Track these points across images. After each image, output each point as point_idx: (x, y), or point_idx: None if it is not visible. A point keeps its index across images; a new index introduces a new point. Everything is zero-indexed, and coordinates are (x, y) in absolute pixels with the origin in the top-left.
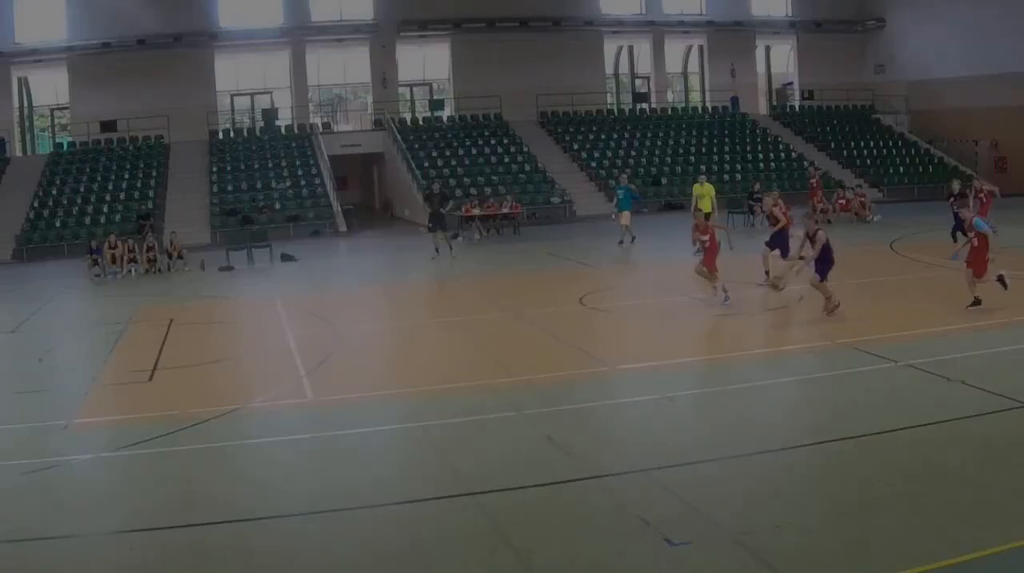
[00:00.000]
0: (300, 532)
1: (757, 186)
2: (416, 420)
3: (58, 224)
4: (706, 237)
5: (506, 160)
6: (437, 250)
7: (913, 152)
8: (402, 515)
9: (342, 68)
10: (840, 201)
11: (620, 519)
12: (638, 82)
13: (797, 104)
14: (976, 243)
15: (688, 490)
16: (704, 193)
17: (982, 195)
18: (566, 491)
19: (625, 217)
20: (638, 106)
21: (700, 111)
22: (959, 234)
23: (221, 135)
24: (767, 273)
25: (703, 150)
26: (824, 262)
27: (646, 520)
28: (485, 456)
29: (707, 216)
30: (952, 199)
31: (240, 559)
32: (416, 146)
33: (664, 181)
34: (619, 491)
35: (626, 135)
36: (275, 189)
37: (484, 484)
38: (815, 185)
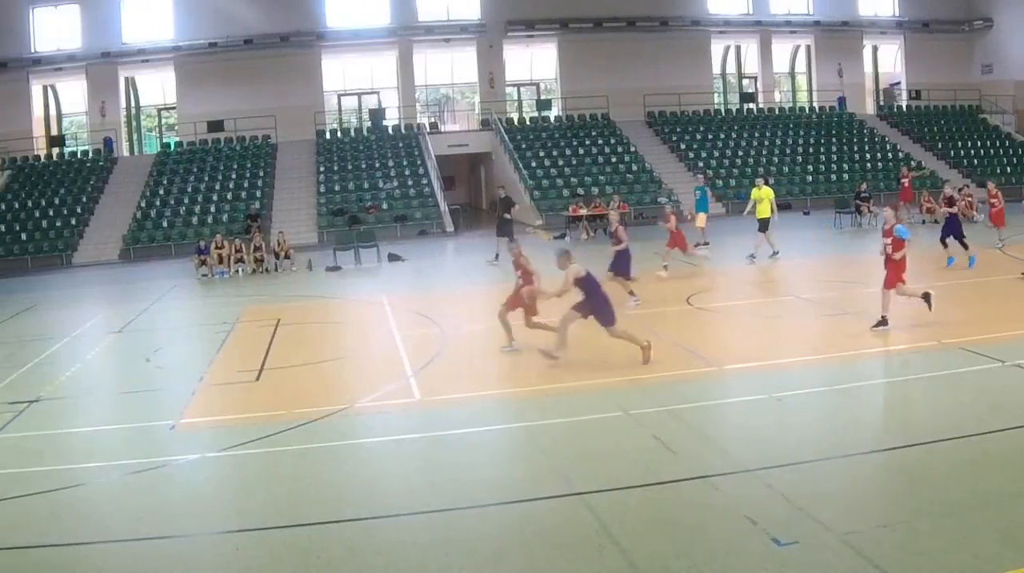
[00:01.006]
0: (407, 532)
1: (864, 186)
2: (523, 420)
3: (165, 224)
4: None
5: (613, 160)
6: (497, 256)
7: (1020, 152)
8: (509, 515)
9: (449, 68)
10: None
11: (727, 519)
12: (745, 82)
13: (904, 104)
14: (892, 251)
15: (795, 490)
16: (763, 197)
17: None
18: (672, 491)
19: (701, 219)
20: (745, 106)
21: (807, 111)
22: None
23: (328, 135)
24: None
25: (810, 150)
26: (591, 302)
27: (753, 520)
28: (591, 456)
29: (766, 223)
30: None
31: (346, 559)
32: (523, 146)
33: (771, 181)
34: (726, 491)
35: (733, 135)
36: (382, 189)
37: (590, 484)
38: (907, 186)
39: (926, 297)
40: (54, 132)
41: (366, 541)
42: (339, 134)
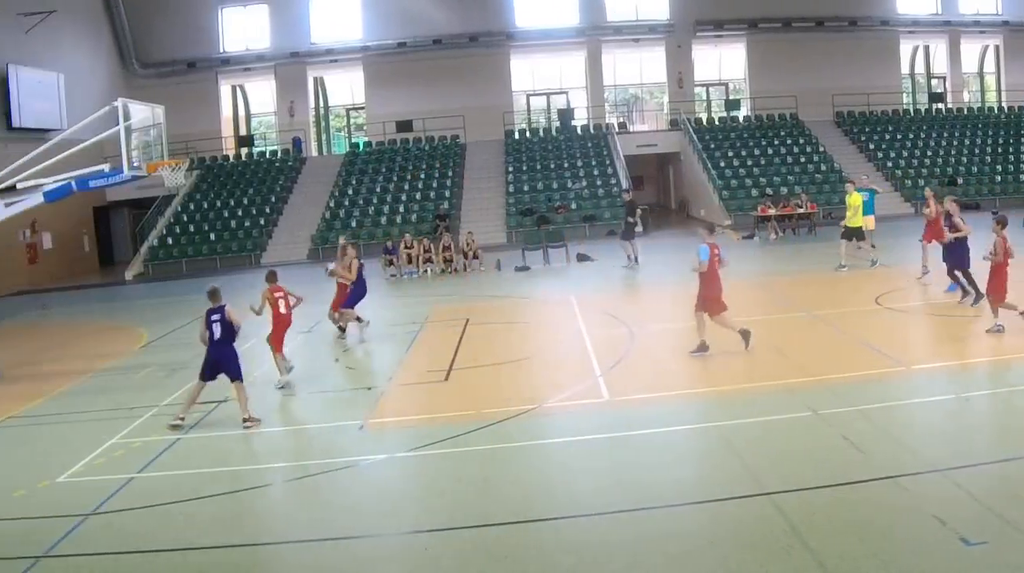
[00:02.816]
0: (595, 532)
1: None
2: (711, 420)
3: (353, 224)
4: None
5: (802, 160)
6: (628, 258)
7: None
8: (698, 515)
9: (638, 68)
10: None
11: (915, 519)
12: (934, 82)
13: None
14: (701, 274)
15: (983, 490)
16: (854, 203)
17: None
18: (861, 491)
19: (869, 221)
20: (934, 106)
21: (996, 111)
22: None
23: (517, 135)
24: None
25: (999, 150)
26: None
27: (942, 520)
28: (780, 456)
29: (857, 231)
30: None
31: (534, 559)
32: (712, 146)
33: (960, 181)
34: (914, 491)
35: (922, 135)
36: (571, 189)
37: (779, 484)
38: None
39: (744, 334)
40: (243, 132)
41: (554, 540)
42: (528, 134)
